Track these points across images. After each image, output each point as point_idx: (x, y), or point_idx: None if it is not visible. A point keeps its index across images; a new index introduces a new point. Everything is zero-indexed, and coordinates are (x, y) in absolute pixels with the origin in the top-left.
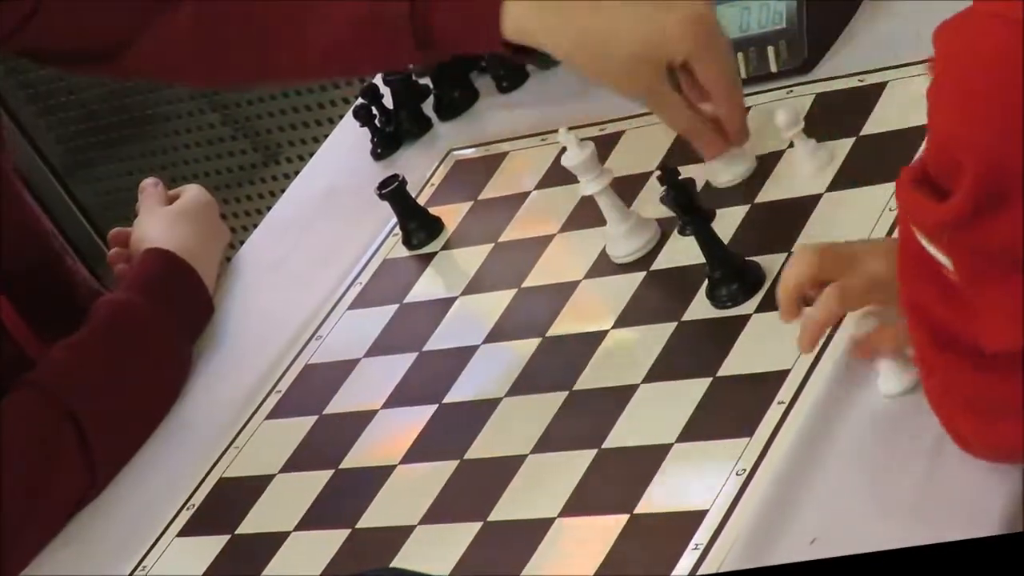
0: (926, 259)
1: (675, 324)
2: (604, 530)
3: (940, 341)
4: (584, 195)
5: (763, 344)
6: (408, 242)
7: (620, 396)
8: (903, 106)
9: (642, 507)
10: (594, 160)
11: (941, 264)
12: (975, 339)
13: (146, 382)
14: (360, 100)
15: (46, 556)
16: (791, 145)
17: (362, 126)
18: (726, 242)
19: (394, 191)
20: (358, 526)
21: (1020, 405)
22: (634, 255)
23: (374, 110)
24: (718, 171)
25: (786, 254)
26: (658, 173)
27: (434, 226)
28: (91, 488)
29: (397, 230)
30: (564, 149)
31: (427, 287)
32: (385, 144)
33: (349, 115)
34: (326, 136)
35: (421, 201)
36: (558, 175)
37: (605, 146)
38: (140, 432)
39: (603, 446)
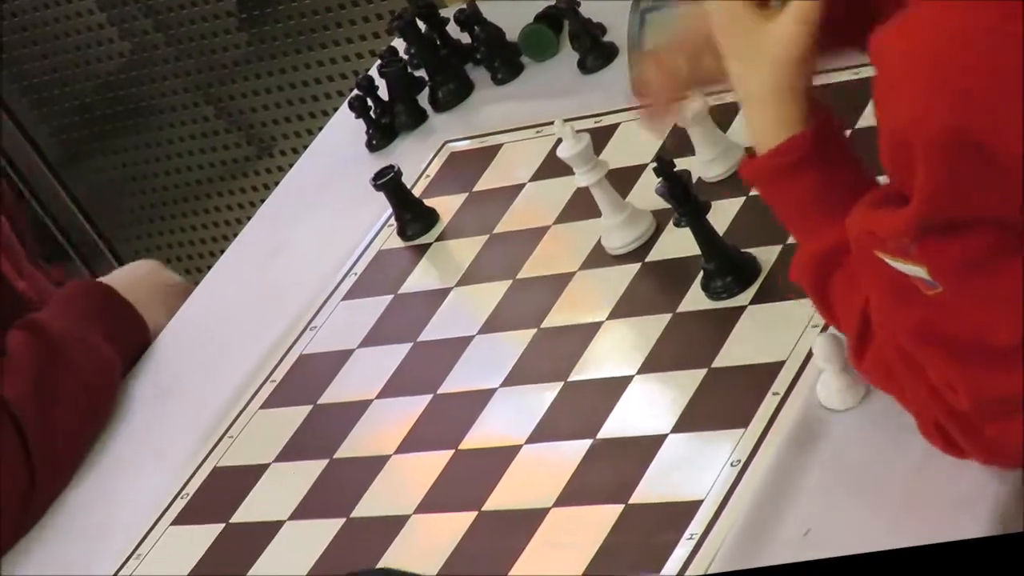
0: (903, 283)
1: (670, 316)
2: (599, 520)
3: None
4: (579, 186)
5: (758, 335)
6: (403, 233)
7: (615, 387)
8: None
9: (637, 497)
10: (589, 152)
11: (919, 280)
12: (979, 341)
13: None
14: (355, 92)
15: (38, 544)
16: None
17: (357, 117)
18: (721, 234)
19: (389, 182)
20: (352, 516)
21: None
22: (629, 247)
23: (369, 102)
24: (708, 165)
25: (780, 246)
26: (653, 165)
27: (429, 217)
28: (32, 491)
29: (392, 221)
30: (559, 140)
31: (422, 278)
32: (380, 135)
33: (344, 107)
34: (320, 128)
35: (416, 193)
36: (553, 167)
37: (600, 138)
38: (77, 441)
39: (598, 437)
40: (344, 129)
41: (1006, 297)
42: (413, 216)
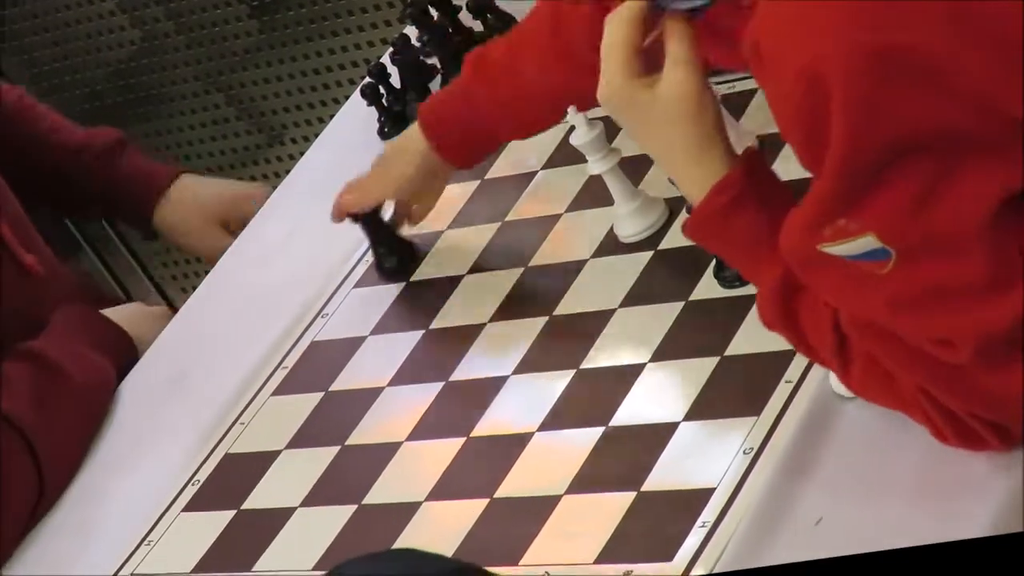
0: (859, 273)
1: (683, 303)
2: (611, 507)
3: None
4: (592, 174)
5: None
6: (380, 266)
7: (627, 374)
8: None
9: (649, 485)
10: (602, 139)
11: (871, 264)
12: (955, 282)
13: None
14: (367, 79)
15: (51, 531)
16: None
17: (369, 105)
18: None
19: (368, 216)
20: (364, 503)
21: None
22: (641, 235)
23: (382, 89)
24: None
25: None
26: None
27: (408, 250)
28: (42, 499)
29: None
30: (572, 128)
31: (434, 266)
32: (392, 123)
33: (356, 95)
34: (331, 117)
35: None
36: (565, 154)
37: (613, 125)
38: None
39: (610, 424)
40: (356, 117)
41: (960, 222)
42: (388, 250)
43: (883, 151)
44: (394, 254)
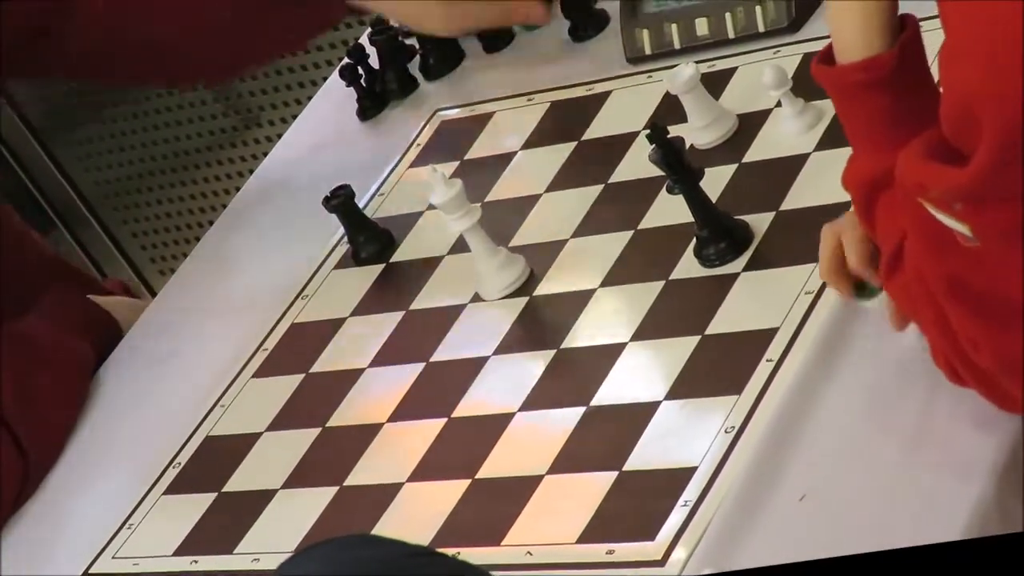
0: (941, 231)
1: (663, 283)
2: (593, 487)
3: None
4: (452, 232)
5: (751, 302)
6: (356, 256)
7: (608, 354)
8: None
9: (631, 464)
10: (462, 198)
11: (958, 233)
12: (1006, 300)
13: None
14: (346, 60)
15: (30, 516)
16: (778, 105)
17: (348, 85)
18: (713, 201)
19: (342, 203)
20: (346, 484)
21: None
22: (503, 291)
23: (360, 70)
24: (700, 132)
25: (773, 213)
26: (646, 132)
27: (383, 239)
28: (25, 485)
29: (384, 190)
30: (548, 109)
31: (414, 246)
32: (371, 103)
33: (334, 76)
34: (309, 98)
35: (407, 162)
36: (544, 135)
37: (592, 106)
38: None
39: (591, 404)
40: (334, 98)
41: None
42: (367, 238)
43: (1011, 190)
44: (371, 243)
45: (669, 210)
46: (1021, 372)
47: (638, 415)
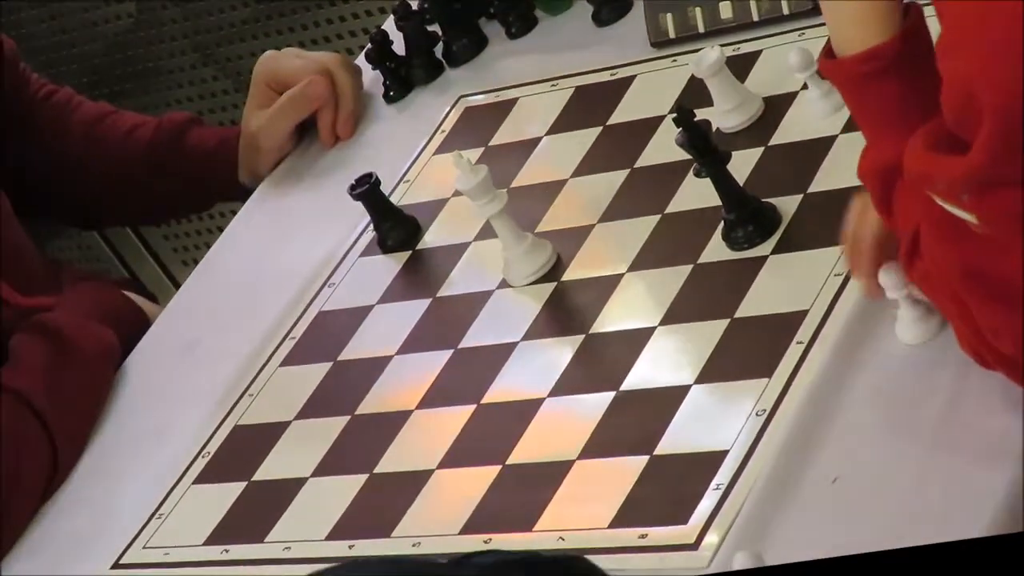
0: (952, 220)
1: (691, 267)
2: (624, 472)
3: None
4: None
5: (780, 285)
6: (383, 243)
7: (637, 339)
8: None
9: (662, 448)
10: (488, 183)
11: (965, 220)
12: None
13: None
14: (370, 45)
15: (62, 507)
16: (804, 87)
17: (374, 68)
18: (741, 184)
19: (367, 191)
20: (375, 471)
21: None
22: (530, 278)
23: (387, 51)
24: (726, 116)
25: (801, 195)
26: (673, 115)
27: (409, 226)
28: (55, 474)
29: (409, 176)
30: (575, 92)
31: (440, 233)
32: (398, 87)
33: (360, 59)
34: None
35: (432, 148)
36: (569, 120)
37: (617, 91)
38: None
39: (621, 389)
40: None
41: None
42: (392, 225)
43: (1015, 174)
44: (397, 230)
45: (696, 194)
46: None
47: (668, 399)
